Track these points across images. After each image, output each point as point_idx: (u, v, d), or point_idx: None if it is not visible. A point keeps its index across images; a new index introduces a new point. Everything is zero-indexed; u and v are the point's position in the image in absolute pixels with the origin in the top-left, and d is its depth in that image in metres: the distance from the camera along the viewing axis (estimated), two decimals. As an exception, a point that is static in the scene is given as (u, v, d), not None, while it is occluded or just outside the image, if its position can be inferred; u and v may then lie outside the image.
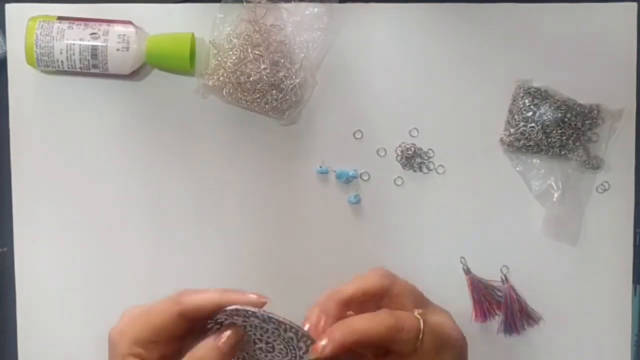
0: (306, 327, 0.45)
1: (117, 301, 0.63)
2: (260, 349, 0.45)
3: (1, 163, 0.63)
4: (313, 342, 0.42)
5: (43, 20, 0.59)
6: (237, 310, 0.42)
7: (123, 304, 0.63)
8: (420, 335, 0.43)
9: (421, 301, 0.46)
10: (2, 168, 0.63)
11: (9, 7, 0.62)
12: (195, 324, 0.45)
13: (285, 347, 0.44)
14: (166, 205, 0.63)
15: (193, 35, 0.61)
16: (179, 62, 0.59)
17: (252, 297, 0.44)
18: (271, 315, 0.42)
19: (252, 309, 0.42)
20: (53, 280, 0.63)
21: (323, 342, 0.42)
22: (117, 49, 0.59)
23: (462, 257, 0.63)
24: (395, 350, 0.44)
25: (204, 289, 0.46)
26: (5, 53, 0.62)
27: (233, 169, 0.62)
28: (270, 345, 0.45)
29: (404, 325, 0.43)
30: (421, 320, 0.44)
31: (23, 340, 0.63)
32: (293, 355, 0.44)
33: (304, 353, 0.43)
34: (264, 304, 0.44)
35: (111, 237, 0.63)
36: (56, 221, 0.63)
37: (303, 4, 0.62)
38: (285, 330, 0.43)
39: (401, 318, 0.43)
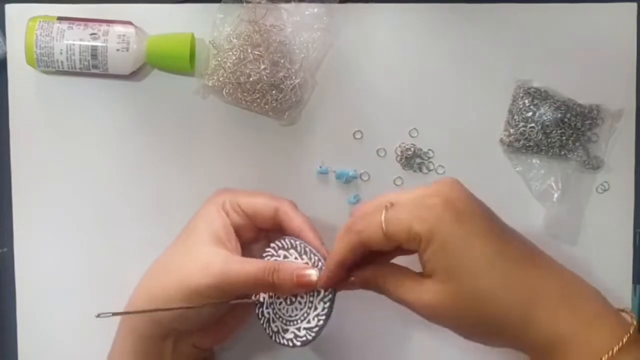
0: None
1: (117, 301, 0.63)
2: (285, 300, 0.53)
3: (1, 163, 0.63)
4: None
5: (43, 21, 0.59)
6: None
7: (123, 303, 0.63)
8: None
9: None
10: (2, 168, 0.63)
11: (8, 8, 0.62)
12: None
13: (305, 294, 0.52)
14: (167, 205, 0.63)
15: (193, 35, 0.61)
16: (179, 62, 0.60)
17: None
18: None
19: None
20: (53, 280, 0.63)
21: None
22: (117, 49, 0.59)
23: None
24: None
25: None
26: (5, 53, 0.62)
27: (233, 169, 0.63)
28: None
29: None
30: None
31: (23, 340, 0.63)
32: (310, 299, 0.52)
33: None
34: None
35: (111, 237, 0.63)
36: (56, 221, 0.63)
37: (303, 5, 0.62)
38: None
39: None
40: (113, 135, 0.63)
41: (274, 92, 0.60)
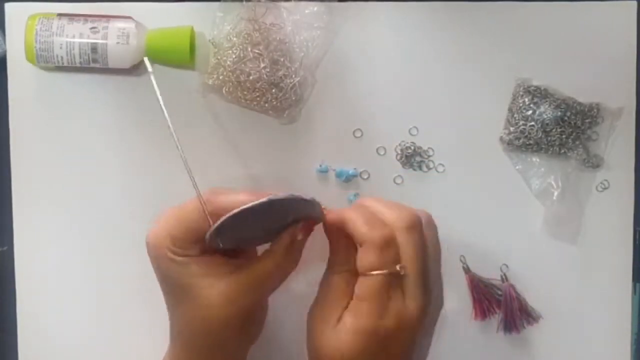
0: None
1: (117, 301, 0.63)
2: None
3: (1, 162, 0.63)
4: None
5: (43, 17, 0.59)
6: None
7: (123, 303, 0.63)
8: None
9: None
10: (2, 168, 0.63)
11: (8, 6, 0.62)
12: None
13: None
14: (166, 202, 0.62)
15: (192, 28, 0.61)
16: (179, 55, 0.59)
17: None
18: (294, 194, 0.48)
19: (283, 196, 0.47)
20: (53, 279, 0.63)
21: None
22: (117, 43, 0.59)
23: (461, 256, 0.63)
24: None
25: (234, 191, 0.49)
26: (4, 52, 0.62)
27: (232, 168, 0.62)
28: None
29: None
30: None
31: (23, 340, 0.63)
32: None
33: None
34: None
35: (112, 236, 0.63)
36: (56, 220, 0.63)
37: (303, 3, 0.62)
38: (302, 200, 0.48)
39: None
40: (113, 133, 0.63)
41: (273, 90, 0.60)
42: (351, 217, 0.48)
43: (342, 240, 0.50)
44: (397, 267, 0.46)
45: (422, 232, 0.48)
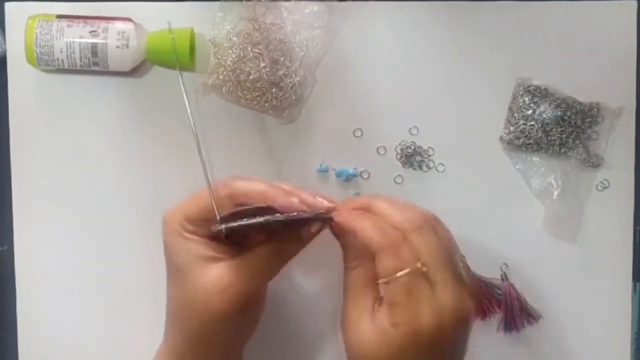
0: None
1: (117, 300, 0.63)
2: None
3: (1, 162, 0.63)
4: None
5: (42, 19, 0.59)
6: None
7: (124, 303, 0.63)
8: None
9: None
10: (2, 166, 0.63)
11: (8, 6, 0.62)
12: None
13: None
14: (166, 203, 0.62)
15: (193, 30, 0.61)
16: (179, 57, 0.59)
17: (292, 200, 0.50)
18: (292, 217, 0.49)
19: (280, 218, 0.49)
20: (53, 279, 0.63)
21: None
22: (117, 46, 0.59)
23: (461, 256, 0.63)
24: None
25: (253, 178, 0.51)
26: (4, 52, 0.62)
27: (232, 167, 0.62)
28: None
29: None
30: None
31: (23, 340, 0.63)
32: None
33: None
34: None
35: (112, 236, 0.63)
36: (56, 220, 0.63)
37: (303, 3, 0.62)
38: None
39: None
40: (113, 134, 0.63)
41: (273, 90, 0.60)
42: (361, 226, 0.48)
43: (349, 238, 0.50)
44: (418, 265, 0.46)
45: (433, 228, 0.48)
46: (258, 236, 0.53)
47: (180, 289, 0.51)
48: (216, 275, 0.49)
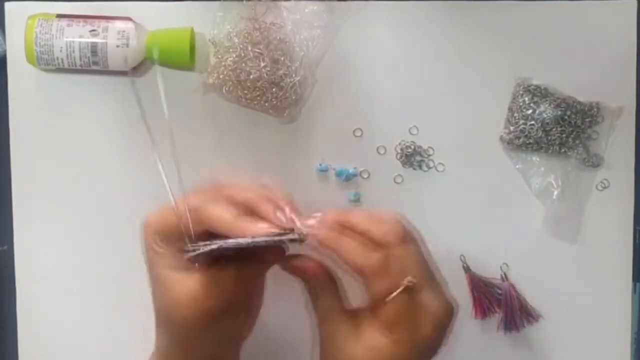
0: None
1: (117, 300, 0.63)
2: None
3: (1, 162, 0.63)
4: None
5: (42, 19, 0.59)
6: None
7: (123, 303, 0.63)
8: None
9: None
10: (2, 166, 0.63)
11: (8, 6, 0.62)
12: None
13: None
14: (166, 201, 0.62)
15: (193, 29, 0.61)
16: (179, 57, 0.59)
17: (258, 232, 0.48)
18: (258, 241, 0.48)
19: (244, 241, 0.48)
20: (53, 278, 0.63)
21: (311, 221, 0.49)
22: (117, 46, 0.59)
23: (461, 255, 0.63)
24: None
25: (223, 207, 0.50)
26: (5, 51, 0.62)
27: (233, 167, 0.62)
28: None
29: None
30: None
31: (23, 339, 0.63)
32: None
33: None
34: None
35: (112, 236, 0.63)
36: (56, 219, 0.63)
37: (303, 2, 0.62)
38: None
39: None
40: (113, 133, 0.63)
41: (274, 89, 0.60)
42: (344, 248, 0.49)
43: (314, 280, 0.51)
44: (406, 282, 0.47)
45: (411, 237, 0.49)
46: (230, 252, 0.52)
47: (157, 295, 0.52)
48: (186, 287, 0.49)
